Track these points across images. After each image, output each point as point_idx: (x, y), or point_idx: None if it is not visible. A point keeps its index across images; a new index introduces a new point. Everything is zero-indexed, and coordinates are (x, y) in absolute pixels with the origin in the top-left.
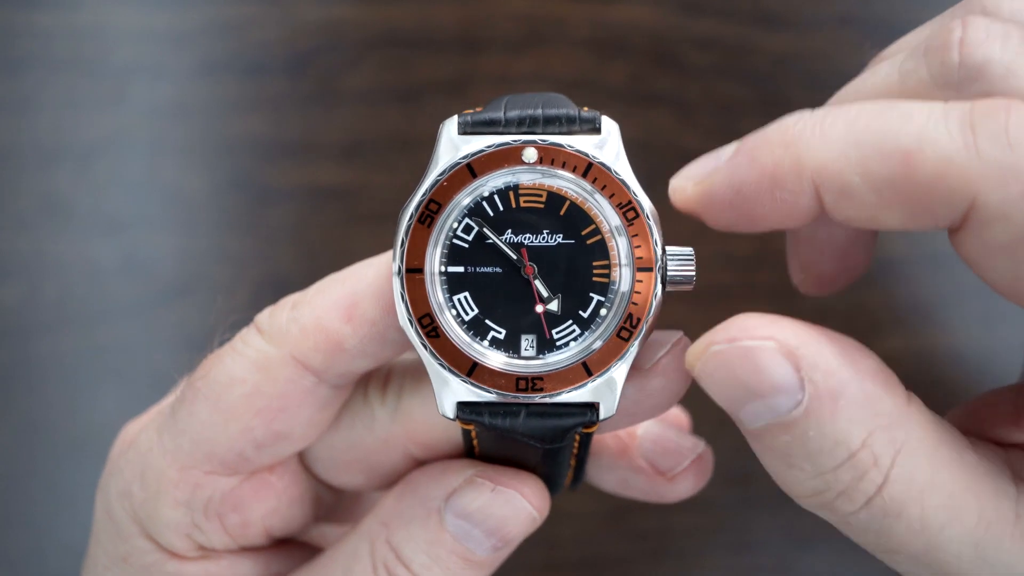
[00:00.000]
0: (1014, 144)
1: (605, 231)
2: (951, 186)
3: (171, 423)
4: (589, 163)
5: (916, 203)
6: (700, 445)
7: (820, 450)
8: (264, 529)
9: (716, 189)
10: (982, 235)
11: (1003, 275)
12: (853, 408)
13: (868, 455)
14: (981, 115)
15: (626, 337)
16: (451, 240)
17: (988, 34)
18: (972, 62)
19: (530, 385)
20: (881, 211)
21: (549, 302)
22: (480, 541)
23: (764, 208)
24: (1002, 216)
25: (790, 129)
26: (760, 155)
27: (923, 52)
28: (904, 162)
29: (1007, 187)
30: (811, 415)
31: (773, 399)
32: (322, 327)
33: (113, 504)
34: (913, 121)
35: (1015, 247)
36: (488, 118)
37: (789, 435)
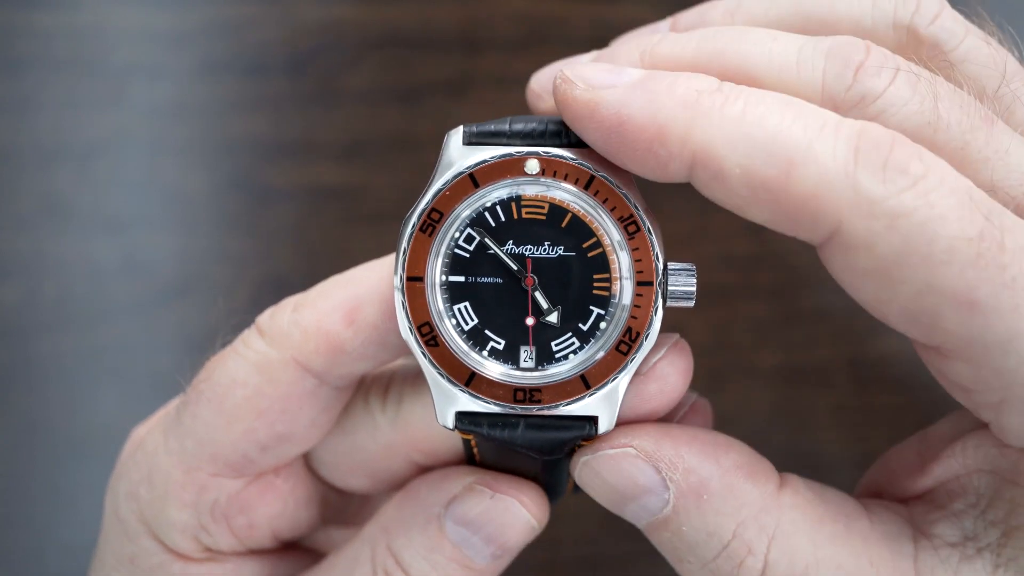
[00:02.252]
0: (888, 180)
1: (607, 244)
2: (821, 207)
3: (176, 425)
4: (591, 176)
5: (784, 211)
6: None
7: (696, 543)
8: (271, 531)
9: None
10: (845, 258)
11: (866, 296)
12: (717, 501)
13: (741, 544)
14: (867, 144)
15: (625, 351)
16: (452, 250)
17: (883, 64)
18: (861, 86)
19: (528, 396)
20: (748, 205)
21: (548, 314)
22: (479, 548)
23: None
24: (866, 245)
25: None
26: (658, 104)
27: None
28: (785, 171)
29: (873, 219)
30: (679, 511)
31: (643, 500)
32: (323, 330)
33: (121, 505)
34: (804, 131)
35: (876, 273)
36: (493, 129)
37: (668, 531)
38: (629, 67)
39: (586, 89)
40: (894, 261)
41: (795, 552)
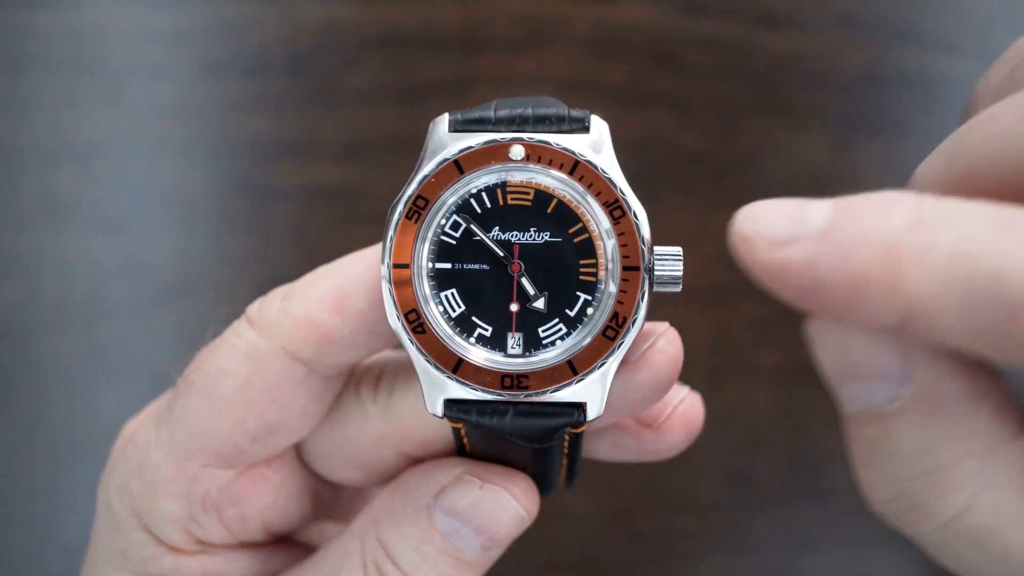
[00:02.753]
0: None
1: (592, 230)
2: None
3: (167, 417)
4: (576, 161)
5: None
6: (684, 390)
7: (902, 453)
8: (262, 523)
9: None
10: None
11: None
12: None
13: (953, 476)
14: None
15: (612, 336)
16: (439, 237)
17: None
18: None
19: (515, 383)
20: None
21: (535, 300)
22: (469, 540)
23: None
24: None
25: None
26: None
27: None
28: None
29: None
30: (905, 414)
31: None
32: (312, 319)
33: (112, 499)
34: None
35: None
36: (478, 116)
37: (876, 428)
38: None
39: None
40: None
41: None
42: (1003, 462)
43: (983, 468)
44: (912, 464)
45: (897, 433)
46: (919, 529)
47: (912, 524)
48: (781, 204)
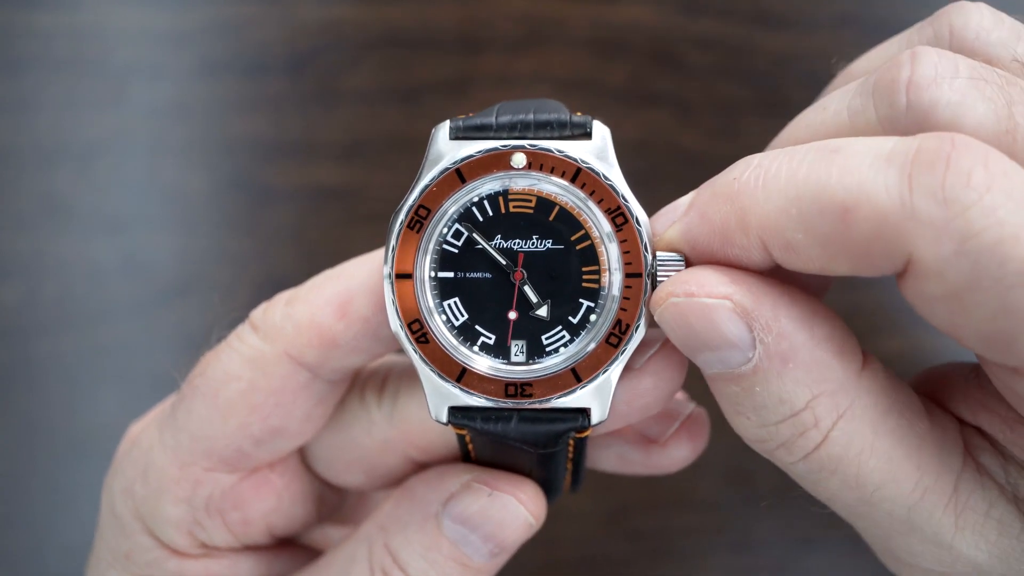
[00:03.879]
0: (950, 200)
1: (595, 236)
2: (888, 242)
3: (171, 421)
4: (578, 168)
5: (857, 256)
6: (689, 406)
7: (764, 405)
8: (266, 527)
9: (676, 242)
10: (919, 286)
11: (941, 322)
12: (801, 372)
13: (810, 416)
14: (920, 166)
15: (615, 343)
16: (441, 246)
17: (936, 73)
18: (919, 105)
19: (519, 391)
20: (827, 263)
21: (538, 308)
22: (477, 546)
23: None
24: (936, 273)
25: (734, 183)
26: (708, 212)
27: (871, 89)
28: (842, 219)
29: (940, 246)
30: (758, 373)
31: (725, 352)
32: (316, 324)
33: (117, 502)
34: (852, 172)
35: (949, 300)
36: (479, 123)
37: (738, 386)
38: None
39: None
40: (965, 286)
41: (855, 435)
42: (852, 397)
43: (835, 405)
44: (773, 411)
45: (755, 388)
46: (786, 462)
47: (780, 459)
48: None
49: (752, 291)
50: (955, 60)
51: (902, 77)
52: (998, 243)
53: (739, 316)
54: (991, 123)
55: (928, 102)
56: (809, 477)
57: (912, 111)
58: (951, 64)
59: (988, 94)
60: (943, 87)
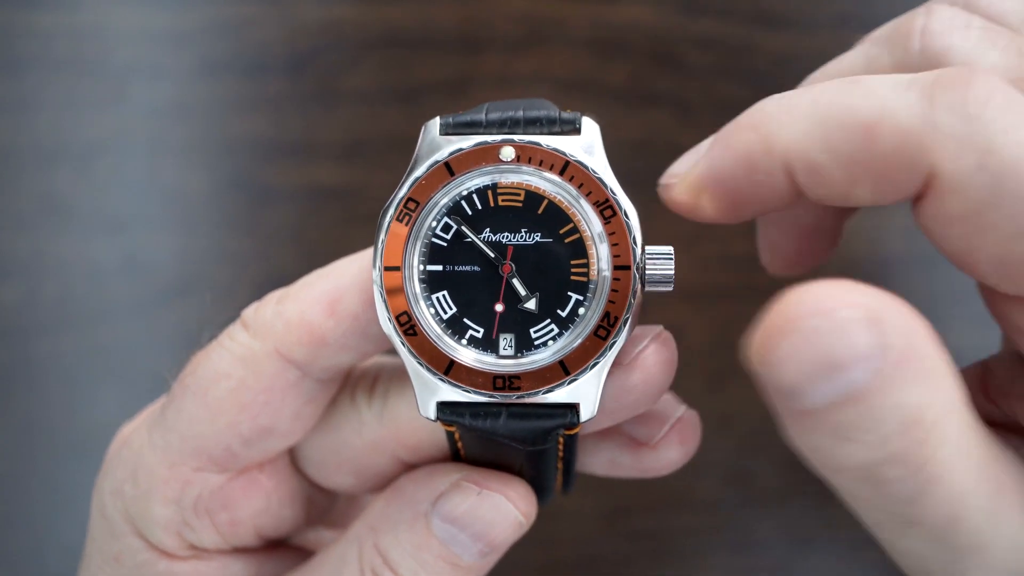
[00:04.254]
0: (972, 116)
1: (583, 230)
2: (910, 157)
3: (161, 421)
4: (566, 161)
5: (880, 175)
6: (680, 408)
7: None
8: (254, 528)
9: (699, 181)
10: (938, 206)
11: (956, 246)
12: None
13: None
14: (941, 86)
15: (604, 336)
16: (430, 239)
17: (950, 23)
18: (932, 50)
19: (507, 384)
20: (850, 187)
21: (527, 301)
22: (467, 546)
23: (746, 193)
24: (957, 188)
25: (758, 112)
26: (733, 141)
27: (887, 39)
28: (866, 135)
29: (962, 159)
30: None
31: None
32: (305, 321)
33: (106, 503)
34: (875, 94)
35: (967, 218)
36: (469, 119)
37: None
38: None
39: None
40: (986, 203)
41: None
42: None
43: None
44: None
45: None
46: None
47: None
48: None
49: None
50: (968, 15)
51: (917, 25)
52: (1019, 159)
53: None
54: (1002, 70)
55: (941, 47)
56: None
57: (925, 55)
58: (964, 17)
59: (1000, 44)
60: (956, 35)
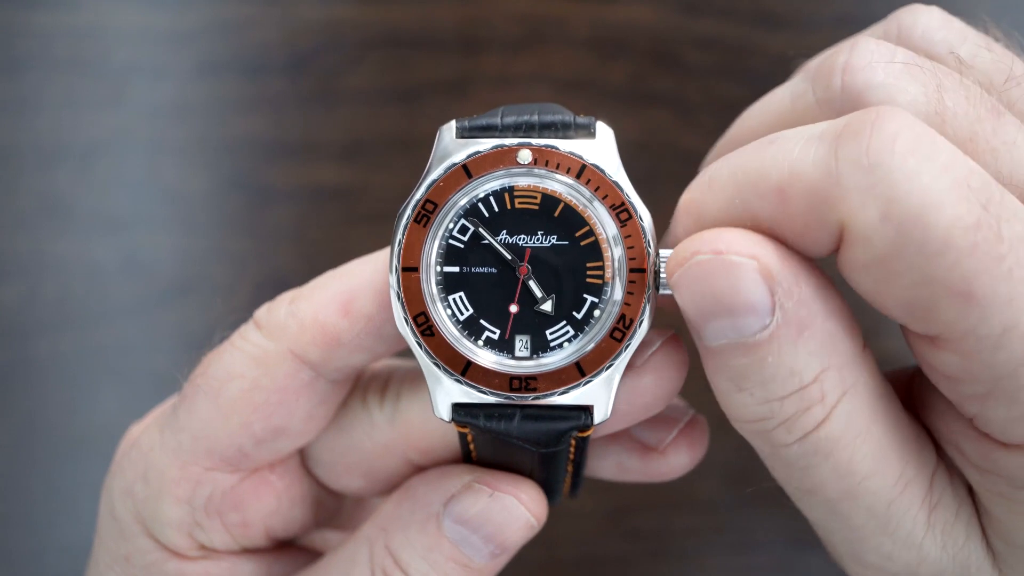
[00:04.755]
0: (873, 166)
1: (599, 233)
2: (820, 215)
3: (172, 421)
4: (583, 165)
5: (798, 234)
6: (688, 412)
7: (774, 377)
8: (264, 529)
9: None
10: (848, 255)
11: (868, 291)
12: (815, 342)
13: (817, 390)
14: (845, 136)
15: (619, 338)
16: (447, 240)
17: (872, 58)
18: (853, 88)
19: (523, 385)
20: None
21: (543, 303)
22: (478, 547)
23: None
24: (862, 239)
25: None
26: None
27: (813, 74)
28: (779, 199)
29: (866, 211)
30: (774, 341)
31: (743, 318)
32: (319, 321)
33: (116, 503)
34: (785, 153)
35: (875, 267)
36: (485, 123)
37: (747, 358)
38: None
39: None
40: (890, 253)
41: (855, 415)
42: (856, 374)
43: (842, 380)
44: (781, 384)
45: (767, 359)
46: (780, 443)
47: (776, 440)
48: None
49: (777, 254)
50: (892, 49)
51: (839, 61)
52: (921, 210)
53: (764, 278)
54: (921, 105)
55: (861, 84)
56: (799, 463)
57: (846, 92)
58: (887, 52)
59: (920, 78)
60: (876, 70)
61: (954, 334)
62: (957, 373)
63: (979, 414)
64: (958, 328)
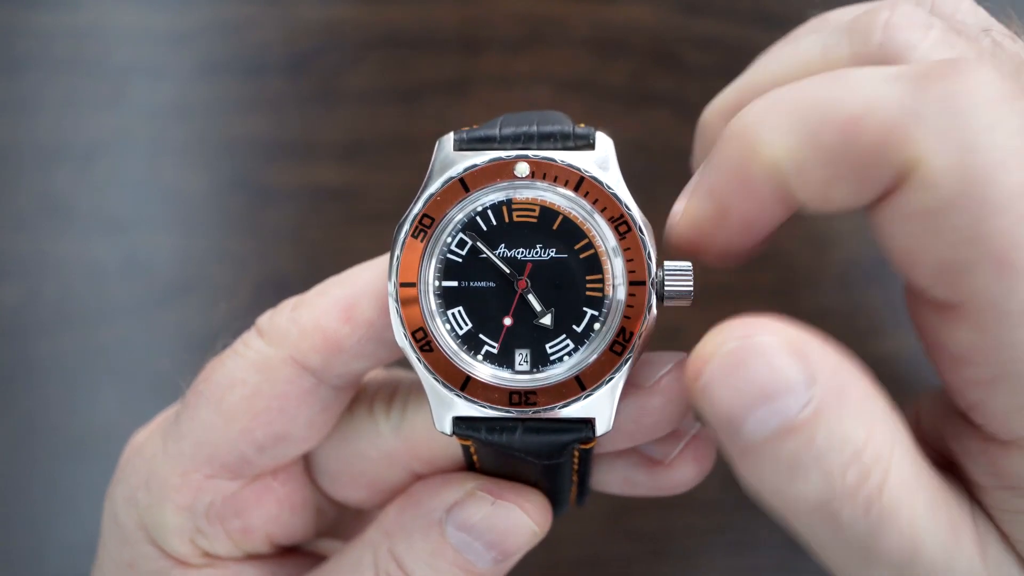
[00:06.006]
0: (957, 110)
1: (598, 245)
2: (892, 148)
3: (174, 428)
4: (581, 177)
5: (860, 170)
6: (695, 426)
7: (828, 451)
8: (266, 536)
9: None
10: (906, 201)
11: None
12: (855, 404)
13: (871, 452)
14: (930, 78)
15: (619, 351)
16: (445, 255)
17: (913, 21)
18: (894, 44)
19: (523, 399)
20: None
21: (542, 316)
22: (481, 553)
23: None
24: (931, 183)
25: (741, 121)
26: (724, 158)
27: (848, 29)
28: (849, 129)
29: (942, 154)
30: (820, 414)
31: (784, 399)
32: (321, 328)
33: (119, 510)
34: (860, 88)
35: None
36: (483, 135)
37: (796, 440)
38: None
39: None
40: (951, 202)
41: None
42: (895, 426)
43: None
44: (838, 456)
45: (818, 435)
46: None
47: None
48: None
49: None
50: (930, 17)
51: (880, 18)
52: (993, 164)
53: (794, 353)
54: None
55: (902, 43)
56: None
57: (884, 49)
58: (926, 17)
59: (958, 47)
60: (917, 32)
61: (979, 303)
62: (967, 352)
63: (980, 403)
64: (985, 296)
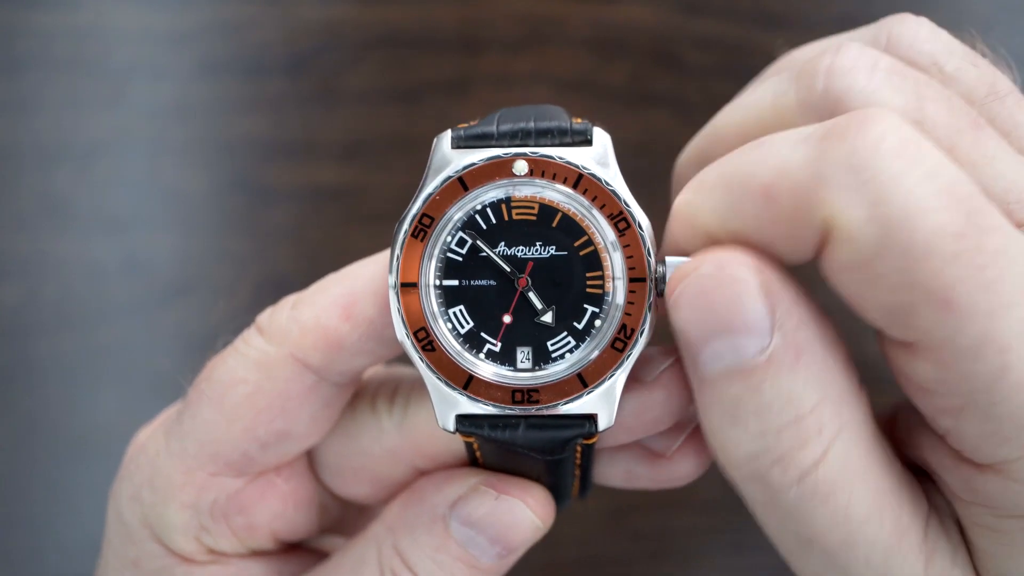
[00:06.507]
0: (860, 166)
1: (598, 242)
2: (806, 213)
3: (177, 427)
4: (579, 174)
5: (784, 235)
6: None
7: (770, 405)
8: (270, 532)
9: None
10: (833, 256)
11: (850, 293)
12: (811, 369)
13: (814, 422)
14: (832, 137)
15: (620, 348)
16: (445, 254)
17: (856, 62)
18: (835, 90)
19: (526, 397)
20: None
21: (543, 314)
22: (485, 548)
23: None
24: (847, 240)
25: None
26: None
27: (796, 75)
28: (767, 199)
29: (852, 211)
30: (771, 365)
31: (742, 338)
32: (321, 325)
33: (124, 509)
34: (773, 156)
35: (859, 268)
36: (481, 132)
37: (744, 384)
38: None
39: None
40: (875, 255)
41: (852, 454)
42: (852, 409)
43: (838, 413)
44: (778, 414)
45: (764, 385)
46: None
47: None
48: None
49: (776, 273)
50: (876, 56)
51: (823, 64)
52: (906, 213)
53: (765, 295)
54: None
55: (843, 88)
56: (797, 510)
57: (827, 95)
58: (872, 58)
59: (901, 87)
60: (859, 75)
61: (932, 341)
62: (932, 384)
63: (952, 429)
64: (936, 335)
